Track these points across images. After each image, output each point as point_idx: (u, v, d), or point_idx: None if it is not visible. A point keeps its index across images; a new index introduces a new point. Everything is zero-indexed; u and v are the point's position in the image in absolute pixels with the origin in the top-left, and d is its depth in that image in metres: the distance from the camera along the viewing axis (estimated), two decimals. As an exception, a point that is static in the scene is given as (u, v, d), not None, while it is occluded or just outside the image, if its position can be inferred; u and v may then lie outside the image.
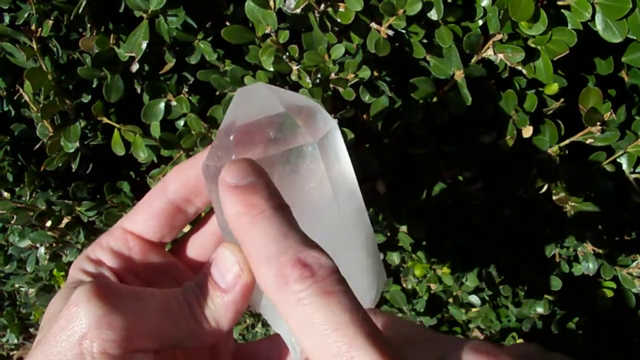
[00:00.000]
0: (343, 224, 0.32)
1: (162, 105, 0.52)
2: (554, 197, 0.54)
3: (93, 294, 0.29)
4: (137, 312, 0.29)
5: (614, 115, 0.47)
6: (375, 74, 0.48)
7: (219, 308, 0.31)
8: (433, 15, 0.44)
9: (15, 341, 1.11)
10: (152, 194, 0.36)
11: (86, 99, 0.55)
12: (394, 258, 0.74)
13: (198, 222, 0.39)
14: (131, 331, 0.28)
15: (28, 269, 0.72)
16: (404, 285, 0.82)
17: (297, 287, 0.25)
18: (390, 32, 0.44)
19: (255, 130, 0.31)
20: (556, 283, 0.68)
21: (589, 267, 0.62)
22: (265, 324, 1.00)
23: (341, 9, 0.44)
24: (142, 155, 0.54)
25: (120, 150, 0.55)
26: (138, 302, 0.30)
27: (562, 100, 0.49)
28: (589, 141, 0.49)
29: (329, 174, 0.31)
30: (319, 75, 0.45)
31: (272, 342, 0.39)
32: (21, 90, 0.54)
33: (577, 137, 0.49)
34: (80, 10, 0.48)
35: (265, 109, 0.31)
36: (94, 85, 0.53)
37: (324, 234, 0.31)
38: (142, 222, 0.36)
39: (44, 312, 0.33)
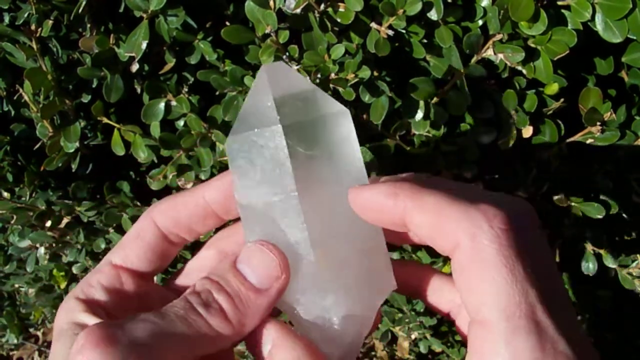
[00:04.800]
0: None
1: (162, 105, 0.52)
2: (554, 197, 0.54)
3: (97, 341, 0.27)
4: (147, 343, 0.28)
5: (614, 115, 0.47)
6: (375, 74, 0.48)
7: (247, 308, 0.30)
8: (433, 15, 0.44)
9: (15, 341, 1.11)
10: (140, 227, 0.35)
11: (86, 99, 0.55)
12: (394, 258, 0.74)
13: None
14: None
15: (28, 269, 0.72)
16: (404, 285, 0.82)
17: None
18: (390, 32, 0.44)
19: (292, 99, 0.32)
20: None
21: (589, 267, 0.62)
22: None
23: (341, 9, 0.44)
24: (142, 155, 0.54)
25: (120, 150, 0.55)
26: (144, 332, 0.28)
27: (562, 100, 0.49)
28: (589, 141, 0.49)
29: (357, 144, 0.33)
30: (319, 75, 0.45)
31: None
32: (21, 90, 0.54)
33: (577, 137, 0.49)
34: (80, 10, 0.48)
35: (294, 83, 0.33)
36: (93, 85, 0.53)
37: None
38: (133, 257, 0.35)
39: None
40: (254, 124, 0.32)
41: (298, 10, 0.43)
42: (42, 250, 0.70)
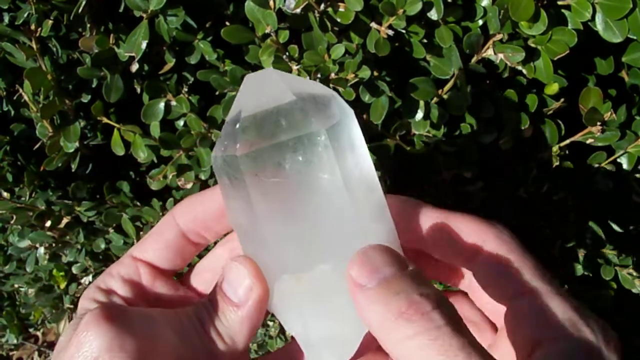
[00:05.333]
0: (359, 217, 0.30)
1: (161, 105, 0.52)
2: (554, 197, 0.54)
3: (102, 318, 0.28)
4: (148, 332, 0.29)
5: (614, 115, 0.47)
6: (375, 74, 0.48)
7: (233, 324, 0.31)
8: (433, 15, 0.44)
9: (15, 341, 1.11)
10: (162, 225, 0.36)
11: (86, 98, 0.55)
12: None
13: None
14: (143, 352, 0.28)
15: (27, 269, 0.72)
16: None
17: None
18: (390, 32, 0.44)
19: (263, 119, 0.30)
20: (556, 283, 0.68)
21: (589, 267, 0.62)
22: (265, 325, 1.00)
23: (341, 9, 0.44)
24: (142, 155, 0.54)
25: (120, 150, 0.55)
26: (149, 322, 0.30)
27: (562, 100, 0.49)
28: (589, 141, 0.49)
29: (340, 164, 0.29)
30: (319, 75, 0.45)
31: (285, 352, 0.39)
32: (21, 90, 0.54)
33: (577, 137, 0.49)
34: (79, 10, 0.48)
35: (274, 96, 0.30)
36: (93, 85, 0.53)
37: (338, 226, 0.30)
38: (152, 252, 0.36)
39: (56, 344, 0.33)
40: (225, 146, 0.30)
41: (298, 10, 0.43)
42: (41, 250, 0.70)
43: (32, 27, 0.50)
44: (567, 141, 0.50)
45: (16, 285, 0.89)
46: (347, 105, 0.32)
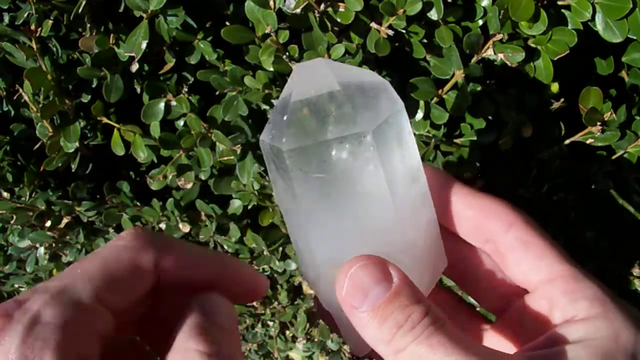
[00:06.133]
0: (399, 210, 0.31)
1: (161, 105, 0.52)
2: (554, 197, 0.54)
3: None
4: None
5: (614, 115, 0.47)
6: (375, 73, 0.48)
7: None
8: (433, 15, 0.44)
9: (15, 341, 1.11)
10: (132, 268, 0.28)
11: (86, 98, 0.55)
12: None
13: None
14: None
15: (28, 269, 0.72)
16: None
17: None
18: (390, 32, 0.44)
19: (310, 111, 0.30)
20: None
21: (588, 267, 0.62)
22: (266, 325, 1.00)
23: (341, 9, 0.44)
24: (142, 155, 0.54)
25: (120, 150, 0.55)
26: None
27: (562, 100, 0.49)
28: (589, 141, 0.49)
29: (384, 161, 0.30)
30: (319, 75, 0.45)
31: None
32: (21, 90, 0.54)
33: (577, 137, 0.49)
34: (80, 10, 0.48)
35: (321, 87, 0.30)
36: (93, 85, 0.53)
37: (378, 221, 0.31)
38: (121, 303, 0.27)
39: None
40: (273, 135, 0.31)
41: (298, 10, 0.43)
42: (41, 250, 0.70)
43: (32, 27, 0.50)
44: (567, 141, 0.50)
45: (16, 285, 0.89)
46: (397, 97, 0.32)
